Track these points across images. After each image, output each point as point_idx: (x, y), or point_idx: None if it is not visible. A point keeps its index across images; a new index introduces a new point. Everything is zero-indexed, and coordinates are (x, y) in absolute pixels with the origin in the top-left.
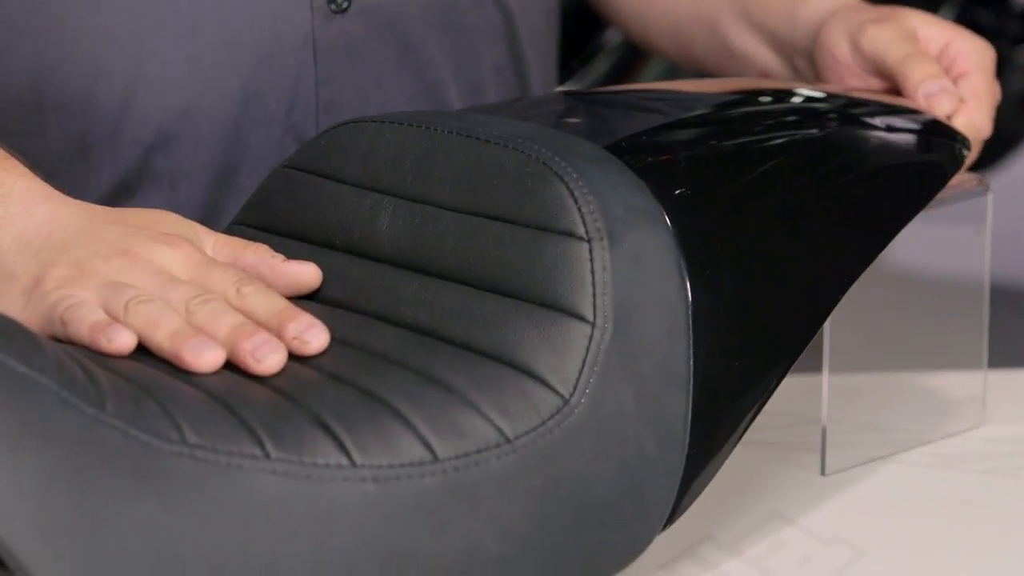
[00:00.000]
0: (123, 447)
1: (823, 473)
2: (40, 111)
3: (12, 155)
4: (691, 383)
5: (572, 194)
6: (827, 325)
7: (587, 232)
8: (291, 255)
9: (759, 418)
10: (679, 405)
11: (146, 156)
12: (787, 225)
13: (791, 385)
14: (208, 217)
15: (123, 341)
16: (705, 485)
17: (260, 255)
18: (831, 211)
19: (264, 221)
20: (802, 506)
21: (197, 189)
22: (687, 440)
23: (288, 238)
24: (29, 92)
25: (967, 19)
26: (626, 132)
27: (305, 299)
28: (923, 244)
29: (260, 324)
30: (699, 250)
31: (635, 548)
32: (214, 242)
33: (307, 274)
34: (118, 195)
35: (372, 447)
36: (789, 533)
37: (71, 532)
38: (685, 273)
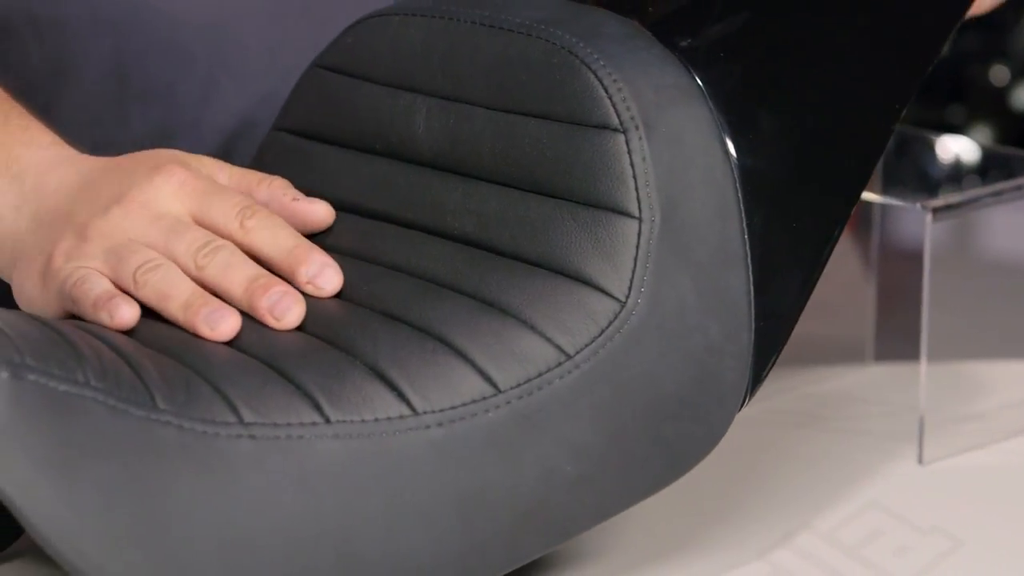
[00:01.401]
0: (180, 442)
1: (921, 462)
2: (123, 99)
3: (34, 118)
4: (748, 257)
5: (602, 83)
6: (925, 313)
7: (621, 123)
8: (332, 164)
9: (857, 407)
10: (740, 283)
11: (228, 143)
12: (826, 62)
13: (888, 374)
14: None
15: (124, 315)
16: (776, 357)
17: (273, 191)
18: (870, 35)
19: (303, 126)
20: (900, 495)
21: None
22: (753, 314)
23: (328, 144)
24: (112, 81)
25: None
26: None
27: (361, 215)
28: (1022, 231)
29: (270, 265)
30: (739, 114)
31: (714, 435)
32: (228, 176)
33: (319, 214)
34: None
35: (432, 391)
36: (886, 522)
37: (139, 543)
38: (728, 142)
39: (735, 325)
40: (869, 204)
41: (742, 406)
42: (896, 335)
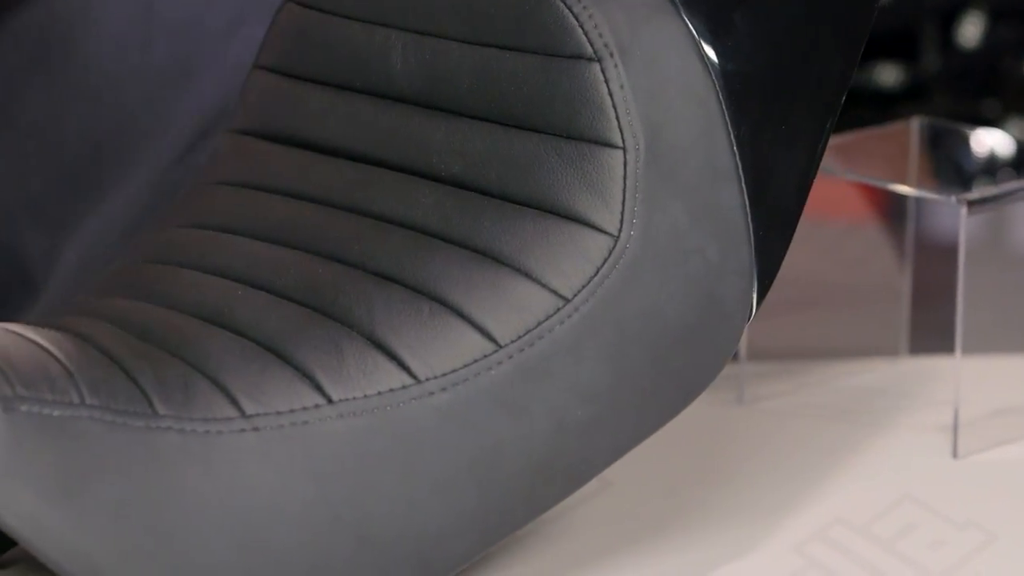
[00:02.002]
0: (183, 446)
1: (955, 456)
2: (148, 30)
3: None
4: (740, 169)
5: (571, 11)
6: (960, 306)
7: (595, 51)
8: (314, 105)
9: (891, 400)
10: (733, 197)
11: None
12: None
13: (922, 367)
14: None
15: None
16: (781, 262)
17: None
18: None
19: (281, 64)
20: (934, 489)
21: None
22: (750, 227)
23: (307, 82)
24: (138, 10)
25: None
26: None
27: (349, 159)
28: None
29: None
30: (715, 20)
31: (725, 352)
32: None
33: None
34: (219, 122)
35: (433, 355)
36: (921, 516)
37: (153, 556)
38: (707, 52)
39: (733, 241)
40: (903, 197)
41: (748, 320)
42: (930, 328)
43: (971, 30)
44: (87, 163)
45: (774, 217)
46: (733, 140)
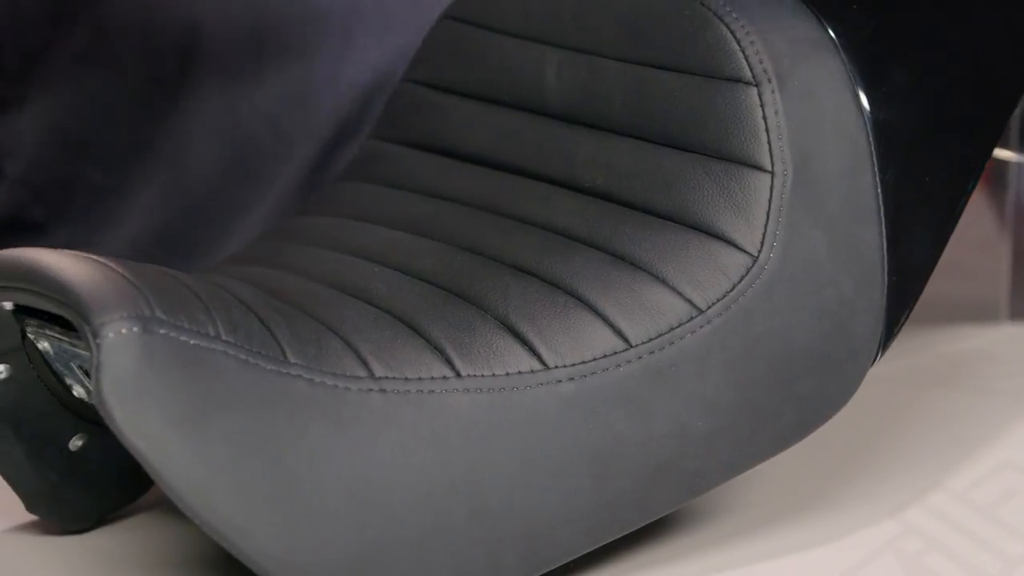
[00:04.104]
0: (310, 396)
1: None
2: (259, 58)
3: None
4: (881, 211)
5: (734, 36)
6: None
7: (754, 76)
8: (460, 116)
9: (991, 366)
10: (872, 238)
11: (366, 96)
12: (960, 12)
13: (1022, 332)
14: None
15: None
16: (909, 313)
17: None
18: None
19: (432, 77)
20: None
21: None
22: (885, 269)
23: (457, 95)
24: (248, 39)
25: None
26: None
27: (490, 167)
28: None
29: None
30: (873, 67)
31: (846, 391)
32: None
33: None
34: (340, 140)
35: (563, 345)
36: (1021, 482)
37: (269, 496)
38: (861, 96)
39: (868, 281)
40: (1004, 162)
41: (874, 362)
42: None
43: None
44: (215, 191)
45: (908, 264)
46: (878, 182)
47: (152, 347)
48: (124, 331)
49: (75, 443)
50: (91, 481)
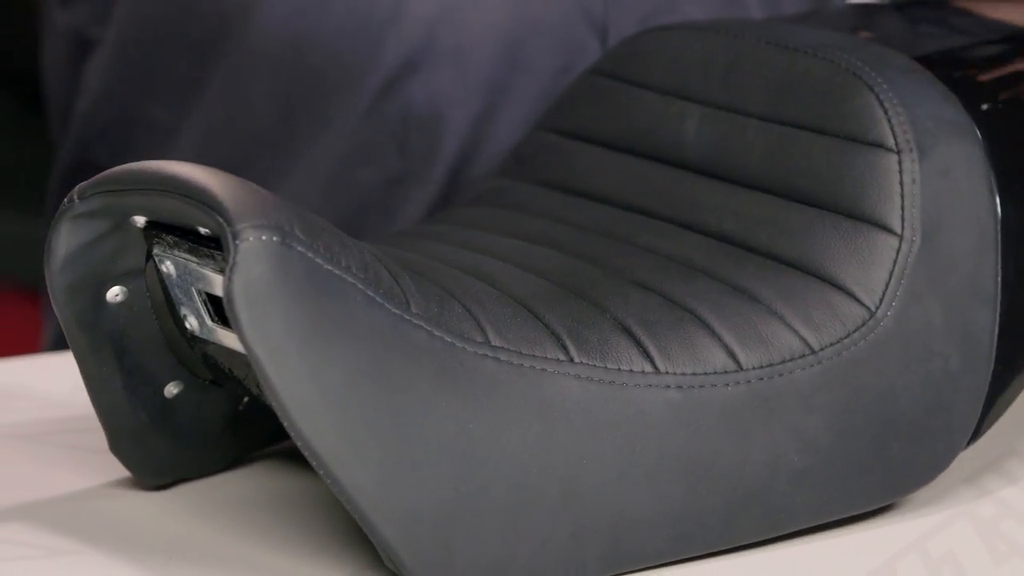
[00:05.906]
0: (428, 347)
1: None
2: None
3: None
4: (998, 299)
5: (882, 105)
6: None
7: (896, 144)
8: (592, 162)
9: None
10: (986, 321)
11: (431, 31)
12: None
13: None
14: (495, 94)
15: None
16: (1010, 403)
17: None
18: None
19: (567, 126)
20: None
21: (483, 65)
22: (993, 356)
23: (590, 143)
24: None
25: None
26: (933, 47)
27: (615, 206)
28: None
29: None
30: (1009, 164)
31: (938, 464)
32: None
33: None
34: (404, 73)
35: (676, 355)
36: None
37: (375, 431)
38: (995, 187)
39: (976, 361)
40: None
41: (967, 445)
42: None
43: None
44: (279, 123)
45: (1014, 358)
46: (999, 271)
47: (288, 260)
48: (264, 238)
49: (170, 389)
50: (178, 435)
